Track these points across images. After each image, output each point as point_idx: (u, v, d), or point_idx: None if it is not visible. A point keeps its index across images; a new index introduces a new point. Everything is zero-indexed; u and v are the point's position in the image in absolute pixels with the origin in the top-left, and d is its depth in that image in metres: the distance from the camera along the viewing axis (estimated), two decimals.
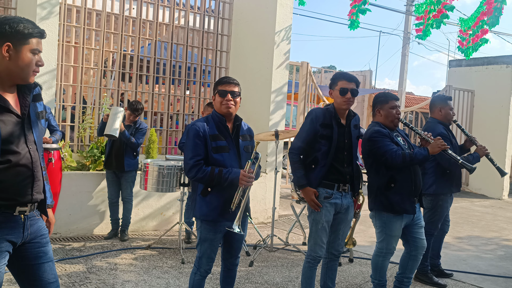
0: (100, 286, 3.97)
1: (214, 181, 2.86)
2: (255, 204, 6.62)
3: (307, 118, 3.37)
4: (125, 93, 6.72)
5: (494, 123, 10.29)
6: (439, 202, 4.35)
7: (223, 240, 3.12)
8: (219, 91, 3.00)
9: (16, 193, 2.01)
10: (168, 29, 7.00)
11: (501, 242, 6.44)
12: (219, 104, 3.00)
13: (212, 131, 2.95)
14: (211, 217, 2.94)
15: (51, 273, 2.19)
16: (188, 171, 2.88)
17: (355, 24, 7.74)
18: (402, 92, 16.67)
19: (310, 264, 3.39)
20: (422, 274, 4.43)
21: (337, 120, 3.33)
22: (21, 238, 2.07)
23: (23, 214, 2.06)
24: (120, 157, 5.30)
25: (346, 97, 3.29)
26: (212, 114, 3.06)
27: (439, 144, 3.44)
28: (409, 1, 16.24)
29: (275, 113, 6.75)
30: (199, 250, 3.04)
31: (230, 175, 2.86)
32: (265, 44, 6.81)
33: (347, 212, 3.40)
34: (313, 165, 3.30)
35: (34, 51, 2.01)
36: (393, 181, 3.47)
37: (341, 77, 3.33)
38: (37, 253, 2.14)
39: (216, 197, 2.93)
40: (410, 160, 3.41)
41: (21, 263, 2.14)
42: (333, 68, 35.98)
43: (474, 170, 3.67)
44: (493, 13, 7.13)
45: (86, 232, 5.50)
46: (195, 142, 2.90)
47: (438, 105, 4.48)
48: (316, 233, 3.32)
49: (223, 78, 3.08)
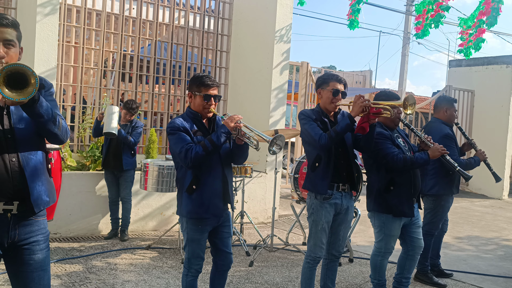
0: (100, 286, 3.97)
1: (209, 148, 2.79)
2: (255, 204, 6.62)
3: (301, 119, 3.32)
4: (125, 93, 6.72)
5: (494, 123, 10.28)
6: (441, 202, 4.36)
7: (211, 241, 3.07)
8: (204, 95, 2.93)
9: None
10: (168, 29, 7.00)
11: (501, 242, 6.43)
12: (200, 107, 2.96)
13: (192, 127, 2.95)
14: (198, 214, 2.91)
15: (40, 283, 2.09)
16: (184, 158, 2.81)
17: (354, 23, 7.75)
18: (402, 92, 16.67)
19: (309, 264, 3.38)
20: (422, 274, 4.44)
21: (327, 118, 3.33)
22: (6, 238, 2.00)
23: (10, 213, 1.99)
24: (118, 156, 5.30)
25: (337, 98, 3.28)
26: (187, 112, 3.04)
27: (439, 149, 3.45)
28: (409, 1, 16.24)
29: (275, 113, 6.75)
30: (187, 251, 3.00)
31: (218, 132, 2.81)
32: (265, 44, 6.81)
33: (347, 213, 3.39)
34: (317, 163, 3.28)
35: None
36: (393, 183, 3.47)
37: (333, 78, 3.31)
38: (27, 260, 2.06)
39: (201, 194, 2.90)
40: (411, 164, 3.42)
41: (12, 266, 2.08)
42: (333, 68, 35.97)
43: (470, 178, 3.69)
44: (491, 13, 7.13)
45: (86, 232, 5.50)
46: (179, 134, 2.88)
47: (444, 106, 4.49)
48: (316, 234, 3.31)
49: (206, 79, 2.95)
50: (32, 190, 2.02)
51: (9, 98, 1.74)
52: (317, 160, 3.28)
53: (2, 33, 1.97)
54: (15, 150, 1.99)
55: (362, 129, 3.19)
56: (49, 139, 2.08)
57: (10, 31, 1.99)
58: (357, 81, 26.87)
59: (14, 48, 2.01)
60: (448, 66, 11.65)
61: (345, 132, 3.17)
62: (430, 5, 7.40)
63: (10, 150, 1.98)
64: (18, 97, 1.75)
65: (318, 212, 3.29)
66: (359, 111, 3.10)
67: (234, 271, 4.46)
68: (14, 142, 1.99)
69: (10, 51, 1.99)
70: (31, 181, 2.02)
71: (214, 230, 3.04)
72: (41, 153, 2.11)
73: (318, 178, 3.27)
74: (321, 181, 3.26)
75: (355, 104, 3.12)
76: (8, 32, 1.99)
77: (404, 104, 3.06)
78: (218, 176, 2.97)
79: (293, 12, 6.89)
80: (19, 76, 1.75)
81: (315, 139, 3.17)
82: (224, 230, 3.07)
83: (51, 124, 2.00)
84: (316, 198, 3.30)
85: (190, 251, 2.99)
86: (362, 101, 3.09)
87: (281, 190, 7.90)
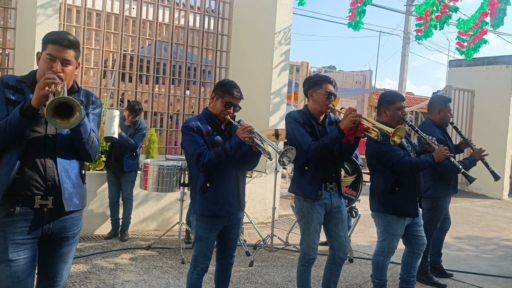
0: (100, 286, 3.97)
1: (222, 157, 2.84)
2: (255, 204, 6.62)
3: (289, 122, 3.30)
4: (125, 93, 6.72)
5: (494, 123, 10.29)
6: (438, 203, 4.37)
7: (218, 239, 3.12)
8: (226, 102, 2.97)
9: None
10: (168, 29, 7.00)
11: (501, 242, 6.44)
12: (219, 111, 3.00)
13: (206, 127, 2.97)
14: (212, 212, 2.94)
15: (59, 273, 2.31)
16: (196, 162, 2.87)
17: (359, 24, 7.72)
18: (402, 92, 16.69)
19: (304, 266, 3.37)
20: (422, 274, 4.43)
21: (315, 121, 3.31)
22: (41, 231, 2.19)
23: (46, 208, 2.18)
24: (119, 157, 5.31)
25: (329, 100, 3.27)
26: (203, 113, 3.07)
27: (443, 152, 3.44)
28: (409, 1, 16.25)
29: (275, 113, 6.75)
30: (195, 249, 3.04)
31: (231, 142, 2.86)
32: (265, 44, 6.81)
33: (339, 210, 3.35)
34: (306, 167, 3.26)
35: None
36: (398, 184, 3.47)
37: (326, 80, 3.28)
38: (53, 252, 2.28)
39: (215, 192, 2.93)
40: (416, 167, 3.42)
41: (40, 254, 2.28)
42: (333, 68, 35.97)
43: (474, 180, 3.67)
44: (498, 14, 7.08)
45: (86, 232, 5.50)
46: (192, 135, 2.92)
47: (437, 107, 4.45)
48: (308, 236, 3.30)
49: (234, 91, 3.01)
50: (64, 191, 2.20)
51: (55, 125, 1.99)
52: (306, 164, 3.26)
53: (61, 53, 2.21)
54: (54, 155, 2.20)
55: (346, 139, 3.17)
56: (80, 154, 2.30)
57: (69, 52, 2.23)
58: (357, 81, 26.87)
59: (71, 66, 2.25)
60: (448, 66, 11.66)
61: (333, 144, 3.17)
62: (435, 6, 7.36)
63: (49, 155, 2.20)
64: (63, 125, 2.00)
65: (310, 214, 3.27)
66: (348, 125, 3.07)
67: (234, 271, 4.46)
68: (55, 147, 2.21)
69: (66, 69, 2.23)
70: (64, 183, 2.21)
71: (223, 230, 3.06)
72: (76, 160, 2.32)
73: (306, 182, 3.26)
74: (309, 185, 3.25)
75: (346, 117, 3.08)
76: (67, 52, 2.22)
77: (393, 133, 3.04)
78: (232, 176, 2.99)
79: (293, 12, 6.90)
80: (66, 106, 1.99)
81: (304, 149, 3.17)
82: (233, 231, 3.10)
83: (86, 144, 2.25)
84: (306, 201, 3.28)
85: (198, 249, 3.01)
86: (353, 115, 3.06)
87: (281, 190, 7.90)
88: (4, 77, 2.24)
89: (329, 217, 3.35)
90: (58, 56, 2.19)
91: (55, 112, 1.97)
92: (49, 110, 1.93)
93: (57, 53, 2.19)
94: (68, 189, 2.22)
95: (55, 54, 2.19)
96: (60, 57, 2.20)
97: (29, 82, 2.24)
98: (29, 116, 2.07)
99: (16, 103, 2.15)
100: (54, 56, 2.19)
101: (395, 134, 3.04)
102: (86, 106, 2.36)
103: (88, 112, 2.36)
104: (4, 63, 5.83)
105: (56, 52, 2.19)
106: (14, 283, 2.12)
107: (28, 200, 2.14)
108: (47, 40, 2.22)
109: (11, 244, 2.12)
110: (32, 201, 2.15)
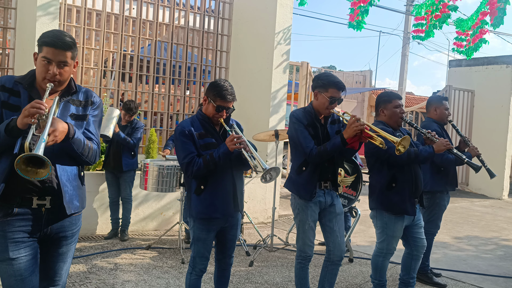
0: (100, 286, 3.97)
1: (210, 165, 2.84)
2: (255, 204, 6.62)
3: (293, 122, 3.29)
4: (125, 93, 6.72)
5: (494, 123, 10.29)
6: (436, 200, 4.37)
7: (216, 240, 3.11)
8: (217, 106, 2.93)
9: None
10: (168, 29, 7.00)
11: (501, 242, 6.44)
12: (211, 114, 2.98)
13: (198, 129, 2.95)
14: (207, 214, 2.93)
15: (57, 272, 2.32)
16: (185, 170, 2.89)
17: (361, 24, 7.71)
18: (402, 92, 16.66)
19: (301, 264, 3.39)
20: (422, 274, 4.43)
21: (318, 120, 3.31)
22: (39, 232, 2.20)
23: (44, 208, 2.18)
24: (118, 157, 5.31)
25: (332, 105, 3.26)
26: (197, 114, 3.04)
27: (444, 143, 3.46)
28: (409, 1, 16.24)
29: (275, 113, 6.75)
30: (193, 250, 3.04)
31: (219, 151, 2.85)
32: (265, 44, 6.81)
33: (333, 206, 3.34)
34: (304, 167, 3.26)
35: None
36: (395, 180, 3.47)
37: (334, 85, 3.25)
38: (52, 251, 2.28)
39: (210, 194, 2.93)
40: (415, 157, 3.41)
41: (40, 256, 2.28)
42: (333, 68, 35.97)
43: (480, 168, 3.67)
44: (498, 14, 7.08)
45: (86, 232, 5.50)
46: (183, 141, 2.91)
47: (433, 105, 4.51)
48: (303, 233, 3.31)
49: (224, 91, 2.93)
50: (65, 194, 2.21)
51: (26, 177, 1.91)
52: (304, 164, 3.26)
53: (57, 56, 2.18)
54: (53, 161, 2.15)
55: (351, 146, 3.15)
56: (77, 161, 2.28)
57: (65, 53, 2.19)
58: (357, 81, 26.86)
59: (68, 67, 2.23)
60: (448, 66, 11.67)
61: (335, 152, 3.16)
62: (434, 6, 7.37)
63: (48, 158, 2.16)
64: (34, 177, 1.92)
65: (304, 212, 3.28)
66: (352, 135, 3.04)
67: (234, 271, 4.46)
68: (53, 151, 2.17)
69: (63, 70, 2.21)
70: (64, 186, 2.21)
71: (221, 230, 3.05)
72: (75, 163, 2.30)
73: (303, 182, 3.27)
74: (305, 185, 3.25)
75: (349, 127, 3.04)
76: (63, 54, 2.19)
77: (399, 142, 3.03)
78: (228, 177, 2.97)
79: (293, 12, 6.90)
80: (37, 159, 1.90)
81: (305, 152, 3.17)
82: (231, 232, 3.09)
83: (81, 156, 2.23)
84: (301, 198, 3.29)
85: (196, 250, 3.01)
86: (356, 125, 3.01)
87: (281, 190, 7.90)
88: (2, 79, 2.22)
89: (324, 213, 3.36)
90: (54, 59, 2.17)
91: (28, 163, 1.89)
92: (19, 164, 1.86)
93: (53, 56, 2.17)
94: (69, 192, 2.23)
95: (50, 57, 2.17)
96: (56, 60, 2.18)
97: (26, 83, 2.22)
98: (14, 136, 2.06)
99: (12, 106, 2.15)
100: (50, 59, 2.17)
101: (400, 143, 3.04)
102: (85, 107, 2.34)
103: (87, 114, 2.33)
104: (4, 63, 5.83)
105: (52, 55, 2.17)
106: (18, 281, 2.13)
107: (25, 200, 2.15)
108: (42, 42, 2.20)
109: (11, 242, 2.13)
110: (29, 201, 2.16)
